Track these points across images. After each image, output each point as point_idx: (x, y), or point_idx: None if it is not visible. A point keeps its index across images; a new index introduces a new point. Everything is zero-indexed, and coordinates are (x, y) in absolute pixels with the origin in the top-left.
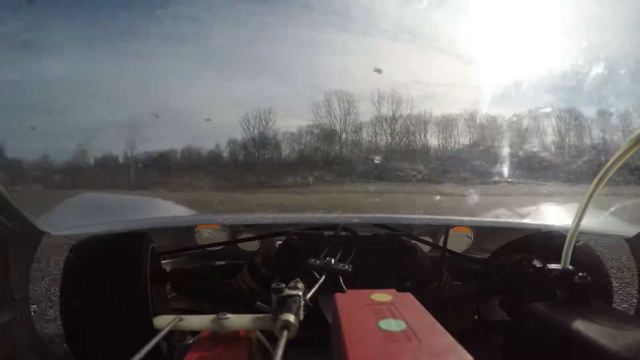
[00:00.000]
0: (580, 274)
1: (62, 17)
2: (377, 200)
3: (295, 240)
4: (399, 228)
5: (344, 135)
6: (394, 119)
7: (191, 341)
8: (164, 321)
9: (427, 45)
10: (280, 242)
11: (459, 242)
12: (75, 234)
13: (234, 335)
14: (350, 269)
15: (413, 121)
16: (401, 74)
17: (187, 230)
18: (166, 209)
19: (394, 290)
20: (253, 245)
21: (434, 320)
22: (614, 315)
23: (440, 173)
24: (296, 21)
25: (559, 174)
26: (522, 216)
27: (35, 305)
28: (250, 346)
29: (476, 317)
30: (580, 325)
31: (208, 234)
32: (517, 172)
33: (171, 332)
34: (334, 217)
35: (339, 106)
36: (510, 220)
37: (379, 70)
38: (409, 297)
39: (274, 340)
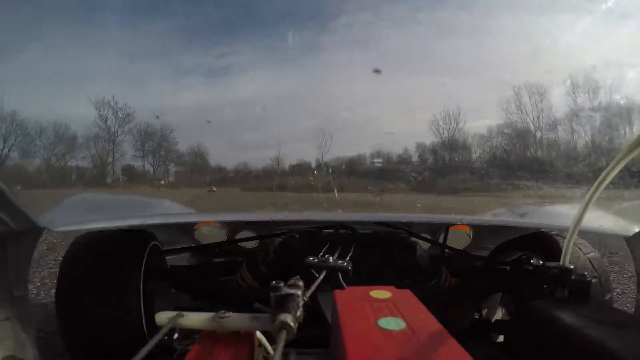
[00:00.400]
0: (579, 272)
1: (248, 42)
2: None
3: (295, 238)
4: (398, 226)
5: (538, 134)
6: (593, 110)
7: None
8: (164, 317)
9: (615, 16)
10: (280, 240)
11: (458, 241)
12: (76, 229)
13: (234, 334)
14: (349, 266)
15: (615, 111)
16: (591, 55)
17: (187, 228)
18: (167, 207)
19: (392, 287)
20: (252, 243)
21: (433, 318)
22: (613, 313)
23: None
24: (468, 9)
25: None
26: (521, 216)
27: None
28: (250, 346)
29: (476, 315)
30: (580, 323)
31: (208, 232)
32: None
33: (171, 330)
34: (333, 215)
35: (530, 100)
36: (510, 219)
37: (377, 71)
38: (408, 294)
39: (274, 338)
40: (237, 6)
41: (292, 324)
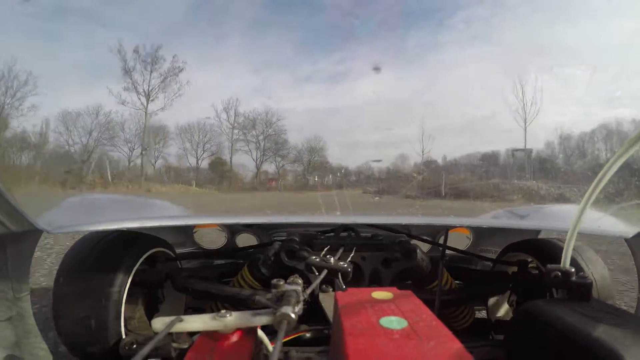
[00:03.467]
0: (580, 274)
1: (365, 46)
2: None
3: (296, 240)
4: (399, 229)
5: None
6: None
7: (192, 339)
8: (161, 323)
9: None
10: (281, 242)
11: (458, 244)
12: (75, 232)
13: (235, 333)
14: (349, 268)
15: None
16: None
17: (187, 230)
18: (168, 209)
19: (394, 288)
20: (252, 243)
21: (435, 317)
22: (614, 313)
23: None
24: None
25: None
26: (521, 217)
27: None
28: (251, 343)
29: (477, 315)
30: (580, 323)
31: (207, 234)
32: None
33: (171, 333)
34: (333, 217)
35: None
36: (510, 221)
37: (377, 69)
38: (409, 294)
39: (276, 337)
40: (353, 12)
41: (292, 315)
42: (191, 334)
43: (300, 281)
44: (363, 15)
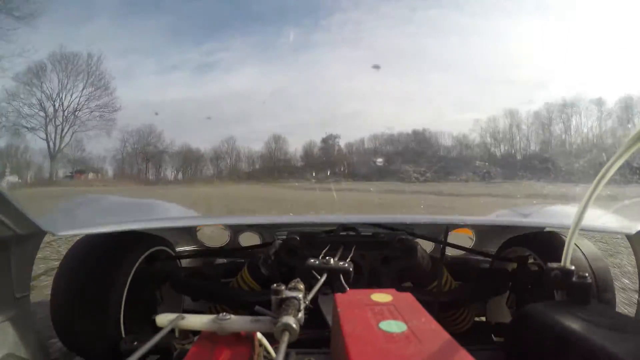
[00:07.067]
0: (580, 274)
1: (238, 39)
2: None
3: (295, 239)
4: (399, 227)
5: None
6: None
7: (192, 340)
8: (165, 319)
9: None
10: (281, 241)
11: (460, 243)
12: (80, 233)
13: (234, 335)
14: (350, 268)
15: None
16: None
17: (190, 228)
18: (172, 210)
19: (393, 290)
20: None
21: (434, 321)
22: (613, 316)
23: None
24: (461, 10)
25: None
26: (524, 215)
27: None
28: (250, 346)
29: (477, 317)
30: (578, 326)
31: (210, 232)
32: None
33: (172, 331)
34: (334, 217)
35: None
36: (512, 219)
37: (377, 67)
38: (409, 297)
39: (274, 339)
40: (229, 3)
41: (294, 325)
42: (193, 333)
43: (301, 286)
44: (237, 9)
